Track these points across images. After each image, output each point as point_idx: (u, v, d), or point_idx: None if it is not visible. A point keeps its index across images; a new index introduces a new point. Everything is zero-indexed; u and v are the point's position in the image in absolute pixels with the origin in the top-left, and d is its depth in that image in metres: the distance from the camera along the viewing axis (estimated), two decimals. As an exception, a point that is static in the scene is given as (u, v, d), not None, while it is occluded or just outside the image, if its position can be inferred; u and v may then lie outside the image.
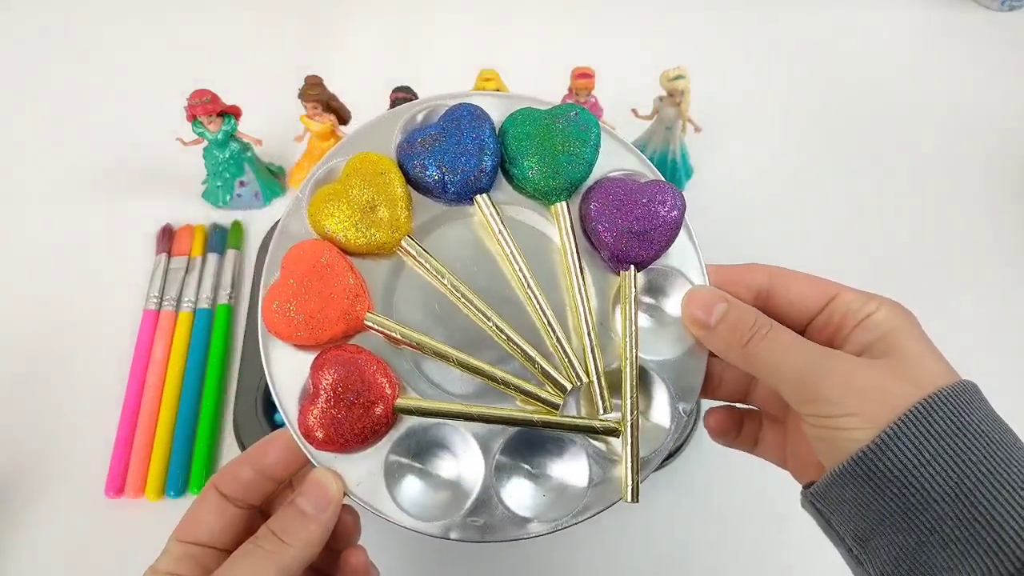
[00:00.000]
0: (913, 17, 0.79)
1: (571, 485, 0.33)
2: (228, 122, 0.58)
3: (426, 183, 0.35)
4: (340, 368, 0.32)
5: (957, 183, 0.67)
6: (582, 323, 0.34)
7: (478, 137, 0.35)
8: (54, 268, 0.61)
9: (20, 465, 0.52)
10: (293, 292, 0.32)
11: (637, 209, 0.34)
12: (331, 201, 0.34)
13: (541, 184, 0.35)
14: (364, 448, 0.32)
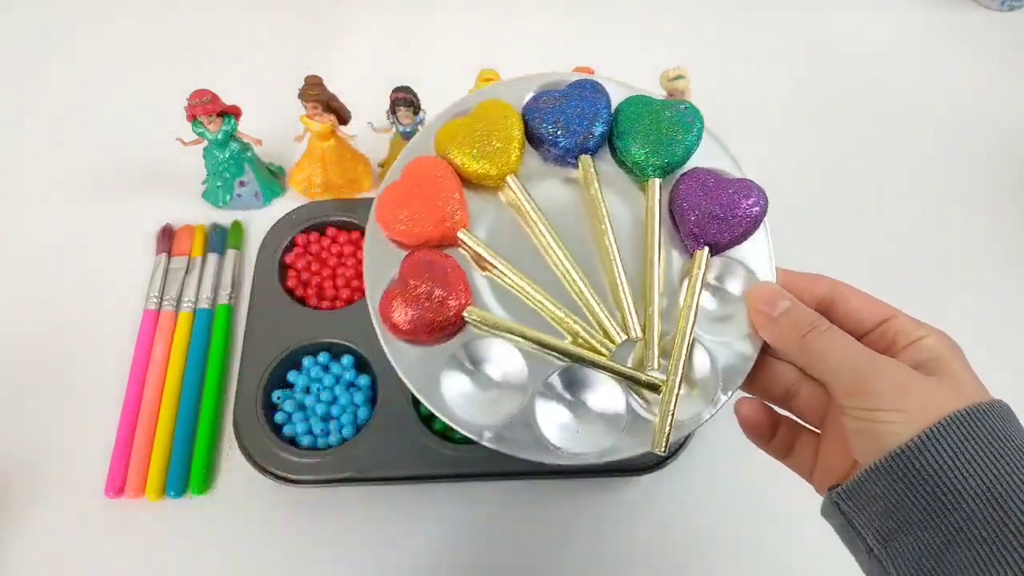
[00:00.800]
0: (913, 17, 0.79)
1: (604, 428, 0.35)
2: (228, 122, 0.58)
3: (541, 134, 0.39)
4: (427, 264, 0.36)
5: (957, 183, 0.67)
6: (651, 288, 0.37)
7: (594, 106, 0.39)
8: (54, 268, 0.61)
9: (20, 465, 0.52)
10: (405, 193, 0.37)
11: (723, 197, 0.37)
12: (457, 130, 0.39)
13: (641, 159, 0.38)
14: (429, 341, 0.36)
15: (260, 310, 0.56)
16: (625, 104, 0.40)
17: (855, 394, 0.31)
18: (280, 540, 0.50)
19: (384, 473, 0.50)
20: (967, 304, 0.59)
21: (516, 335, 0.36)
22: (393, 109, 0.57)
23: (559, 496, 0.52)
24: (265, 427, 0.51)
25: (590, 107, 0.39)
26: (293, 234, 0.60)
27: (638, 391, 0.36)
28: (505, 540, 0.50)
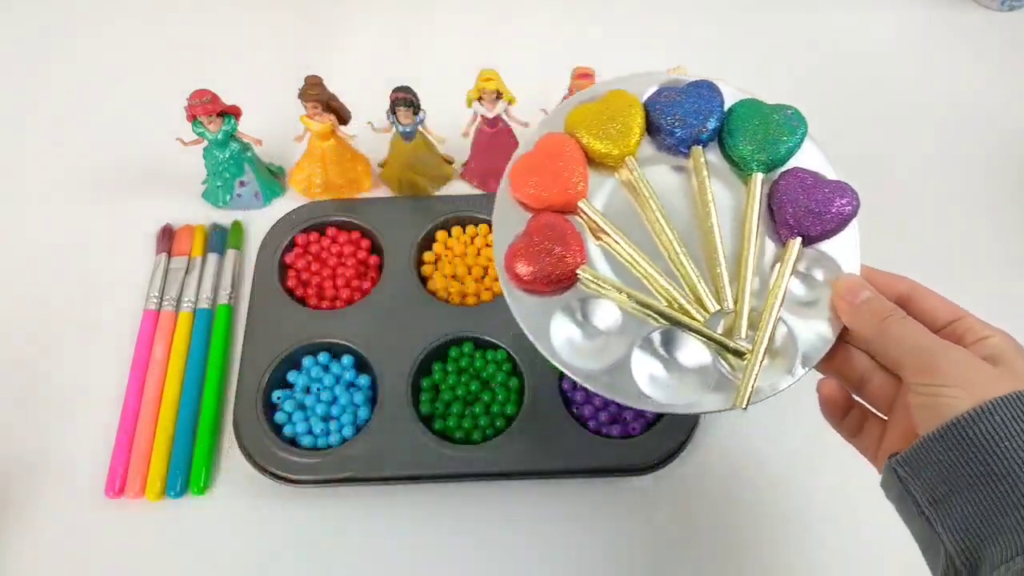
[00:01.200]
0: (913, 17, 0.79)
1: (691, 384, 0.40)
2: (228, 122, 0.58)
3: (660, 124, 0.44)
4: (550, 225, 0.41)
5: (957, 183, 0.67)
6: (745, 267, 0.41)
7: (710, 104, 0.44)
8: (54, 268, 0.61)
9: (21, 465, 0.52)
10: (537, 163, 0.42)
11: (819, 194, 0.41)
12: (586, 113, 0.44)
13: (747, 155, 0.43)
14: (545, 292, 0.41)
15: (260, 310, 0.56)
16: (738, 105, 0.44)
17: (923, 372, 0.35)
18: (280, 540, 0.50)
19: (384, 473, 0.50)
20: (967, 304, 0.59)
21: (621, 295, 0.41)
22: (393, 109, 0.57)
23: (559, 496, 0.52)
24: (265, 427, 0.51)
25: (706, 104, 0.44)
26: (293, 234, 0.60)
27: (724, 356, 0.40)
28: (505, 540, 0.50)
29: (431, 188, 0.64)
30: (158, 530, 0.50)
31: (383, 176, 0.64)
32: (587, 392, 0.53)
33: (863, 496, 0.52)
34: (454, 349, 0.55)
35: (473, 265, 0.59)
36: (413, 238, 0.59)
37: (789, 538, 0.51)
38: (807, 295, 0.41)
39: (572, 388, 0.53)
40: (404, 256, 0.59)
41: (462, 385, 0.53)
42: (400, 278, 0.58)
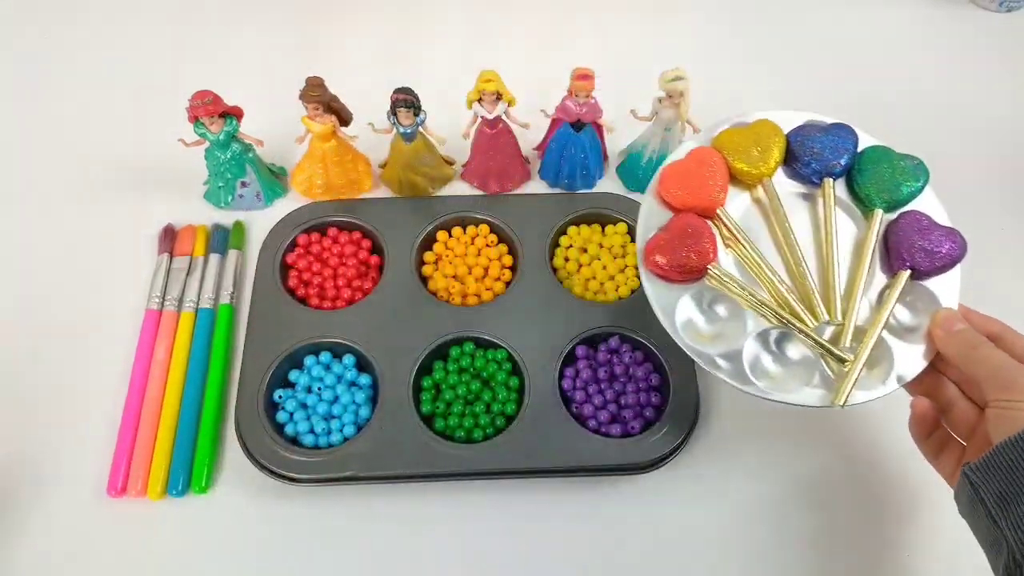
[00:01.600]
0: (911, 18, 0.79)
1: (795, 380, 0.46)
2: (230, 123, 0.59)
3: (798, 154, 0.51)
4: (689, 223, 0.48)
5: (956, 183, 0.67)
6: (857, 288, 0.47)
7: (846, 143, 0.51)
8: (57, 268, 0.61)
9: (23, 464, 0.52)
10: (687, 170, 0.50)
11: (932, 236, 0.48)
12: (734, 135, 0.51)
13: (872, 193, 0.49)
14: (677, 280, 0.48)
15: (262, 310, 0.56)
16: (870, 149, 0.51)
17: (1002, 389, 0.40)
18: (282, 539, 0.50)
19: (385, 472, 0.50)
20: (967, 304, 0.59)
21: (743, 293, 0.47)
22: (393, 110, 0.57)
23: (559, 495, 0.52)
24: (267, 426, 0.51)
25: (842, 143, 0.51)
26: (294, 234, 0.60)
27: (827, 361, 0.46)
28: (505, 539, 0.51)
29: (431, 189, 0.64)
30: (160, 529, 0.51)
31: (384, 177, 0.64)
32: (587, 391, 0.53)
33: (861, 496, 0.52)
34: (455, 349, 0.55)
35: (474, 265, 0.59)
36: (414, 238, 0.60)
37: (787, 538, 0.51)
38: (909, 322, 0.47)
39: (572, 387, 0.53)
40: (405, 256, 0.59)
41: (463, 384, 0.53)
42: (401, 278, 0.58)
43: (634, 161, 0.64)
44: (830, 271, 0.48)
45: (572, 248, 0.60)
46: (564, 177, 0.64)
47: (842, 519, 0.52)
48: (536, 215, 0.61)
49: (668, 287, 0.48)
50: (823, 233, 0.49)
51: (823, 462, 0.54)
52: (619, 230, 0.61)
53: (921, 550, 0.50)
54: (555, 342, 0.55)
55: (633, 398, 0.53)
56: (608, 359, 0.55)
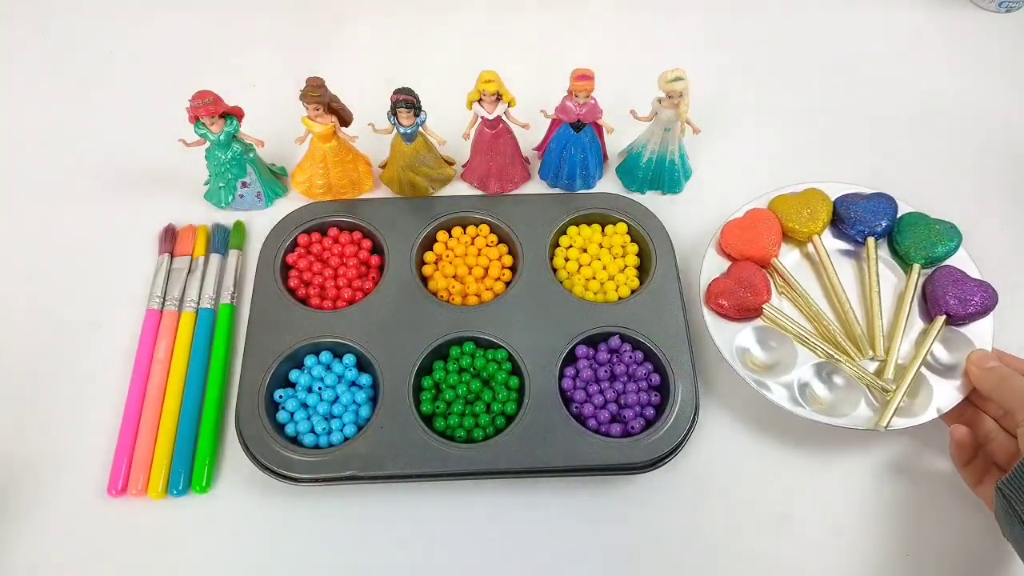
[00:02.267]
0: (911, 18, 0.79)
1: (842, 405, 0.52)
2: (230, 123, 0.59)
3: (844, 216, 0.60)
4: (747, 268, 0.56)
5: (955, 183, 0.67)
6: (898, 330, 0.55)
7: (886, 208, 0.59)
8: (57, 268, 0.61)
9: (23, 464, 0.53)
10: (746, 226, 0.59)
11: (965, 287, 0.55)
12: (787, 200, 0.60)
13: (912, 251, 0.57)
14: (735, 318, 0.55)
15: (262, 310, 0.56)
16: (908, 215, 0.59)
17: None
18: (282, 538, 0.51)
19: (385, 472, 0.50)
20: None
21: (794, 330, 0.55)
22: (394, 110, 0.57)
23: (559, 495, 0.52)
24: (267, 426, 0.51)
25: (883, 208, 0.59)
26: (295, 234, 0.60)
27: (872, 391, 0.53)
28: (505, 539, 0.51)
29: (432, 189, 0.64)
30: (161, 529, 0.51)
31: (384, 177, 0.64)
32: (587, 391, 0.53)
33: (860, 496, 0.52)
34: (455, 348, 0.55)
35: (474, 265, 0.59)
36: (414, 238, 0.60)
37: (786, 538, 0.51)
38: (947, 361, 0.54)
39: (572, 387, 0.53)
40: (405, 256, 0.59)
41: (463, 384, 0.53)
42: (401, 278, 0.58)
43: (634, 161, 0.64)
44: (874, 314, 0.55)
45: (572, 248, 0.60)
46: (564, 177, 0.64)
47: (843, 518, 0.52)
48: (536, 215, 0.61)
49: (728, 324, 0.55)
50: (867, 283, 0.57)
51: (823, 462, 0.54)
52: (619, 230, 0.61)
53: (922, 548, 0.50)
54: (555, 342, 0.55)
55: (633, 398, 0.53)
56: (608, 359, 0.55)
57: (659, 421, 0.52)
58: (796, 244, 0.60)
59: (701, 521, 0.51)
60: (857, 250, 0.60)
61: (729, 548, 0.51)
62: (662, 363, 0.54)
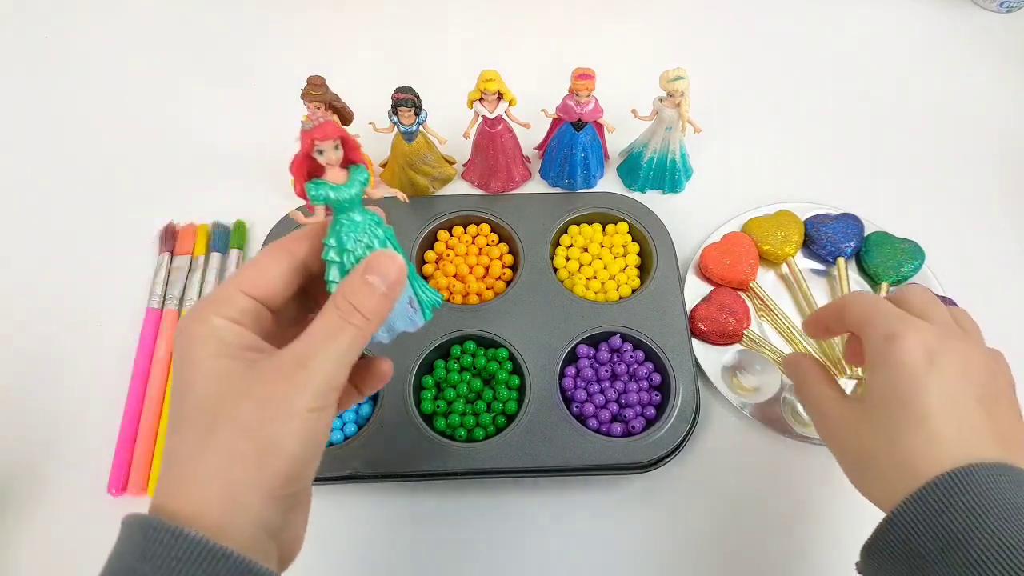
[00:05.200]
0: (911, 18, 0.79)
1: None
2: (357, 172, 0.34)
3: (814, 236, 0.61)
4: (728, 296, 0.58)
5: (956, 183, 0.68)
6: None
7: (853, 230, 0.61)
8: (57, 267, 0.61)
9: (23, 463, 0.52)
10: (725, 250, 0.60)
11: None
12: (761, 222, 0.62)
13: (880, 271, 0.59)
14: (717, 343, 0.56)
15: (262, 309, 0.56)
16: (874, 234, 0.61)
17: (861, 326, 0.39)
18: (282, 537, 0.50)
19: (385, 471, 0.50)
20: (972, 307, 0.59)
21: (773, 353, 0.56)
22: (395, 109, 0.57)
23: (560, 495, 0.52)
24: (268, 425, 0.51)
25: (851, 230, 0.61)
26: (295, 234, 0.60)
27: None
28: (506, 538, 0.51)
29: (432, 188, 0.64)
30: (161, 527, 0.50)
31: (384, 176, 0.64)
32: (588, 390, 0.53)
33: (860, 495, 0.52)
34: (456, 347, 0.55)
35: (475, 264, 0.59)
36: (415, 237, 0.60)
37: (787, 537, 0.51)
38: None
39: (573, 387, 0.53)
40: (406, 255, 0.59)
41: (464, 383, 0.53)
42: (402, 277, 0.58)
43: (635, 161, 0.64)
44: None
45: (573, 248, 0.60)
46: (565, 177, 0.64)
47: (843, 518, 0.52)
48: (537, 214, 0.61)
49: (710, 348, 0.56)
50: None
51: (822, 462, 0.54)
52: (620, 229, 0.61)
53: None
54: (556, 341, 0.55)
55: (634, 397, 0.53)
56: (609, 358, 0.55)
57: (660, 420, 0.52)
58: (771, 265, 0.61)
59: (702, 520, 0.51)
60: (828, 269, 0.61)
61: (730, 547, 0.51)
62: (663, 362, 0.54)
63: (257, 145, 0.67)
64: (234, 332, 0.31)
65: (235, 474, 0.29)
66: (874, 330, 0.37)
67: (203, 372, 0.30)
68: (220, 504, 0.28)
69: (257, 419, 0.29)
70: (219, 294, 0.32)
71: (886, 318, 0.38)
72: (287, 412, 0.29)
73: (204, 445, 0.29)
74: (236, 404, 0.29)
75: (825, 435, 0.40)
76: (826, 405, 0.40)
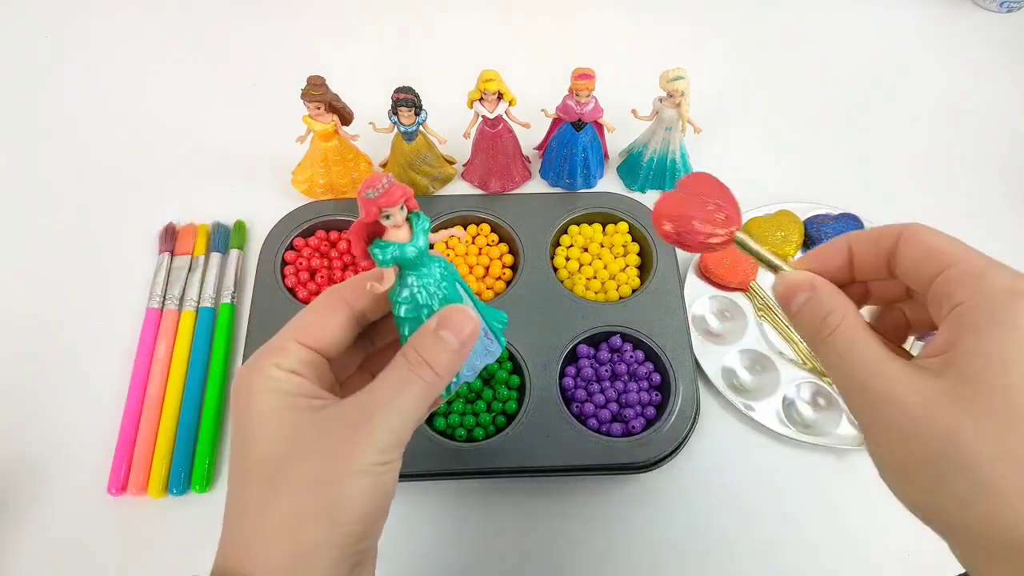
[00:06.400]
0: (911, 18, 0.79)
1: (824, 425, 0.54)
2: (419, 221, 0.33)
3: (814, 236, 0.61)
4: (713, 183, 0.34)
5: (956, 183, 0.67)
6: None
7: (854, 229, 0.58)
8: (57, 267, 0.61)
9: (23, 463, 0.52)
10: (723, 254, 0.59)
11: None
12: (760, 222, 0.61)
13: None
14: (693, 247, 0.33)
15: (262, 309, 0.56)
16: None
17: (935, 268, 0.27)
18: (282, 537, 0.50)
19: (386, 471, 0.50)
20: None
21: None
22: (395, 109, 0.57)
23: (560, 494, 0.52)
24: (267, 425, 0.51)
25: (851, 229, 0.59)
26: (295, 234, 0.60)
27: None
28: (505, 538, 0.51)
29: (432, 188, 0.64)
30: (160, 528, 0.51)
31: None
32: (588, 390, 0.53)
33: (858, 496, 0.52)
34: (455, 348, 0.55)
35: (475, 264, 0.59)
36: (415, 237, 0.60)
37: (787, 537, 0.51)
38: None
39: (573, 386, 0.53)
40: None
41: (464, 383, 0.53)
42: (402, 277, 0.58)
43: (635, 160, 0.64)
44: None
45: (573, 247, 0.60)
46: (565, 176, 0.64)
47: (844, 518, 0.51)
48: (537, 214, 0.61)
49: (714, 347, 0.56)
50: None
51: (824, 462, 0.54)
52: (620, 229, 0.61)
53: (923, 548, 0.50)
54: (556, 341, 0.54)
55: (634, 397, 0.53)
56: (609, 358, 0.55)
57: (660, 420, 0.52)
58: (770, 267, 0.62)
59: (702, 520, 0.51)
60: None
61: (730, 548, 0.51)
62: (663, 362, 0.54)
63: (257, 145, 0.67)
64: (294, 383, 0.30)
65: (302, 533, 0.27)
66: (979, 279, 0.25)
67: (265, 426, 0.29)
68: (287, 565, 0.27)
69: (322, 475, 0.28)
70: (276, 344, 0.31)
71: (990, 264, 0.26)
72: (353, 468, 0.28)
73: (269, 502, 0.28)
74: (300, 459, 0.28)
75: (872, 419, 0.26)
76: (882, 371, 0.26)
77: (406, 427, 0.29)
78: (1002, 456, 0.23)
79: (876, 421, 0.26)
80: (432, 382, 0.30)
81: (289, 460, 0.28)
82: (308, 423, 0.29)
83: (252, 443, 0.29)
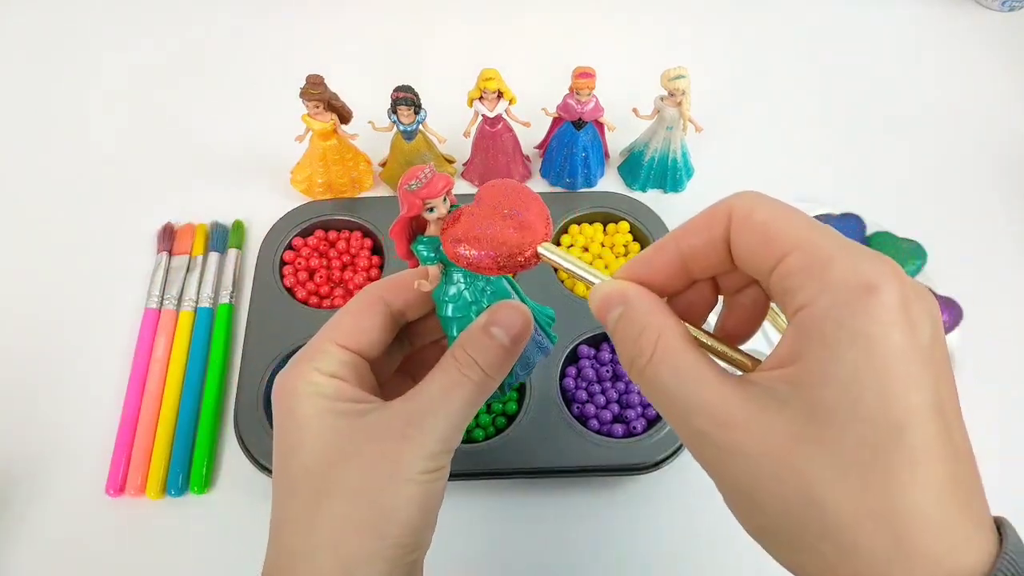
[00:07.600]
0: (912, 17, 0.79)
1: None
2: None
3: None
4: (507, 187, 0.29)
5: (957, 183, 0.67)
6: None
7: (854, 228, 0.60)
8: (55, 267, 0.61)
9: (21, 464, 0.52)
10: None
11: None
12: None
13: None
14: (495, 272, 0.29)
15: (261, 309, 0.56)
16: (876, 234, 0.60)
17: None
18: (281, 539, 0.50)
19: (385, 472, 0.50)
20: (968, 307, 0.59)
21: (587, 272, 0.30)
22: (394, 108, 0.57)
23: (561, 496, 0.52)
24: (266, 426, 0.51)
25: (852, 229, 0.59)
26: (294, 234, 0.60)
27: None
28: (506, 540, 0.50)
29: (432, 187, 0.64)
30: (159, 529, 0.50)
31: (384, 176, 0.64)
32: (589, 391, 0.53)
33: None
34: (455, 348, 0.55)
35: (474, 264, 0.59)
36: (414, 237, 0.59)
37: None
38: None
39: (574, 387, 0.53)
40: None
41: (463, 384, 0.53)
42: (401, 277, 0.58)
43: (636, 160, 0.64)
44: None
45: (574, 247, 0.60)
46: (565, 176, 0.63)
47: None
48: (537, 214, 0.61)
49: None
50: None
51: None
52: (621, 229, 0.60)
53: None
54: (557, 341, 0.54)
55: (636, 398, 0.52)
56: (610, 358, 0.54)
57: (661, 421, 0.51)
58: None
59: (704, 522, 0.51)
60: None
61: (731, 548, 0.50)
62: (664, 363, 0.53)
63: (256, 144, 0.67)
64: (335, 387, 0.29)
65: (349, 546, 0.27)
66: (823, 271, 0.20)
67: (309, 432, 0.28)
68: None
69: (369, 485, 0.27)
70: (315, 348, 0.30)
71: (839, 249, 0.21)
72: (401, 477, 0.27)
73: (315, 513, 0.27)
74: (346, 467, 0.27)
75: (718, 476, 0.24)
76: (719, 414, 0.22)
77: (456, 432, 0.28)
78: (864, 512, 0.20)
79: (722, 479, 0.23)
80: (482, 383, 0.28)
81: (335, 468, 0.27)
82: (353, 428, 0.28)
83: (296, 450, 0.28)
